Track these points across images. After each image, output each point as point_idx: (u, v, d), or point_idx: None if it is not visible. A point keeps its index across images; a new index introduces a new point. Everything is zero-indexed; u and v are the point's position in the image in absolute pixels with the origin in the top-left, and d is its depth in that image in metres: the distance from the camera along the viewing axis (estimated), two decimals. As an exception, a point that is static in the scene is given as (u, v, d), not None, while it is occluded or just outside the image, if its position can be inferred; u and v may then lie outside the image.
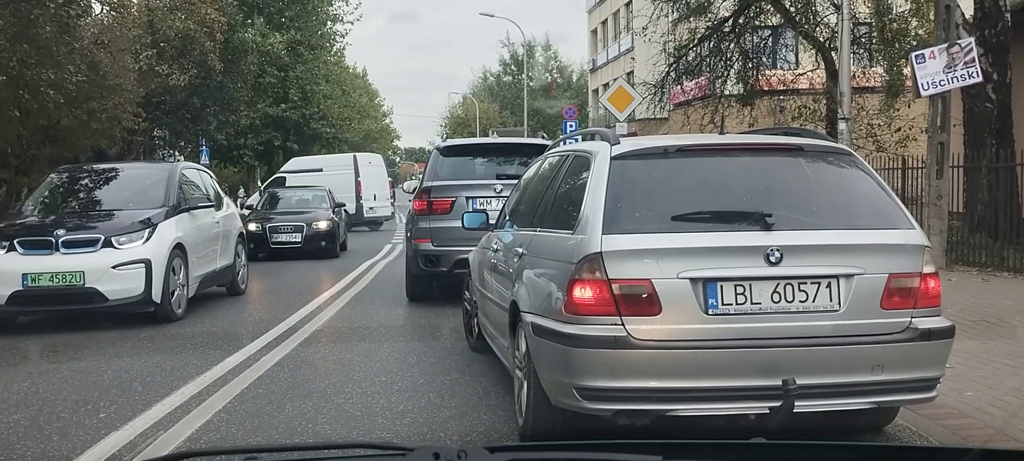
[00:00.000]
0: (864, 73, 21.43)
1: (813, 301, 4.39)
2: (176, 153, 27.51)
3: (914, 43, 15.93)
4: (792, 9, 20.99)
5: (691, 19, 22.60)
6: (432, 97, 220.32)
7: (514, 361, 5.33)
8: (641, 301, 4.33)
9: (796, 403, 4.25)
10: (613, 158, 4.72)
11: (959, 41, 12.45)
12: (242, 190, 38.73)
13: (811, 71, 22.82)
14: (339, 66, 50.91)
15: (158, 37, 20.56)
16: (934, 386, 4.56)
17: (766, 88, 23.11)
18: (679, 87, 25.28)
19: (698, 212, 4.56)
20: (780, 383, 4.21)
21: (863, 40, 21.36)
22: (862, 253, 4.45)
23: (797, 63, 24.16)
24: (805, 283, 4.38)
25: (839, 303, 4.40)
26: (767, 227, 4.39)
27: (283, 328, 9.20)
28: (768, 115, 24.18)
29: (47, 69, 14.22)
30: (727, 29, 22.00)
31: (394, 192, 42.82)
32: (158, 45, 20.83)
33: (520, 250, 5.47)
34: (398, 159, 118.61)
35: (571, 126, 34.00)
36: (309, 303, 11.01)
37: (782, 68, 23.21)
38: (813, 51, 22.56)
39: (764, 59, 22.90)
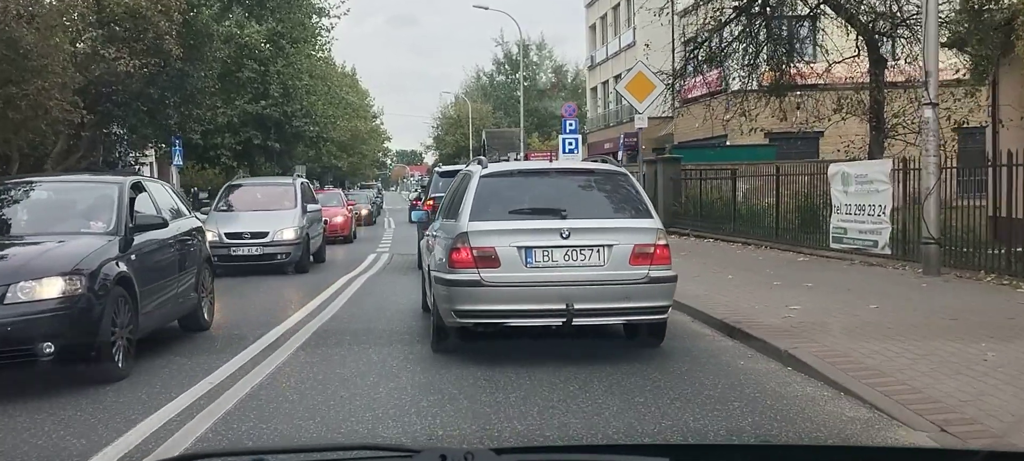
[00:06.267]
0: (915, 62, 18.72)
1: (588, 260, 7.29)
2: (136, 154, 24.64)
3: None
4: (832, -14, 18.39)
5: (714, 1, 19.99)
6: (426, 98, 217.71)
7: (432, 302, 8.04)
8: (489, 260, 7.23)
9: (574, 319, 7.22)
10: (482, 176, 7.74)
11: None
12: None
13: (851, 58, 20.20)
14: (325, 62, 48.21)
15: (105, 16, 17.77)
16: (665, 311, 7.53)
17: (799, 80, 20.39)
18: (694, 79, 22.67)
19: (524, 208, 7.55)
20: (565, 306, 7.15)
21: (912, 22, 18.64)
22: (618, 232, 7.39)
23: (830, 51, 21.33)
24: (584, 249, 7.29)
25: (604, 261, 7.30)
26: (563, 217, 7.36)
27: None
28: (797, 109, 21.31)
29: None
30: (756, 10, 19.39)
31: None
32: (106, 25, 18.05)
33: (437, 233, 8.48)
34: (389, 162, 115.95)
35: (571, 125, 31.89)
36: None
37: (822, 56, 20.40)
38: (853, 35, 19.97)
39: (797, 46, 20.23)
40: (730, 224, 20.50)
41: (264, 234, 15.70)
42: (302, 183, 17.92)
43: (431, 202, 14.66)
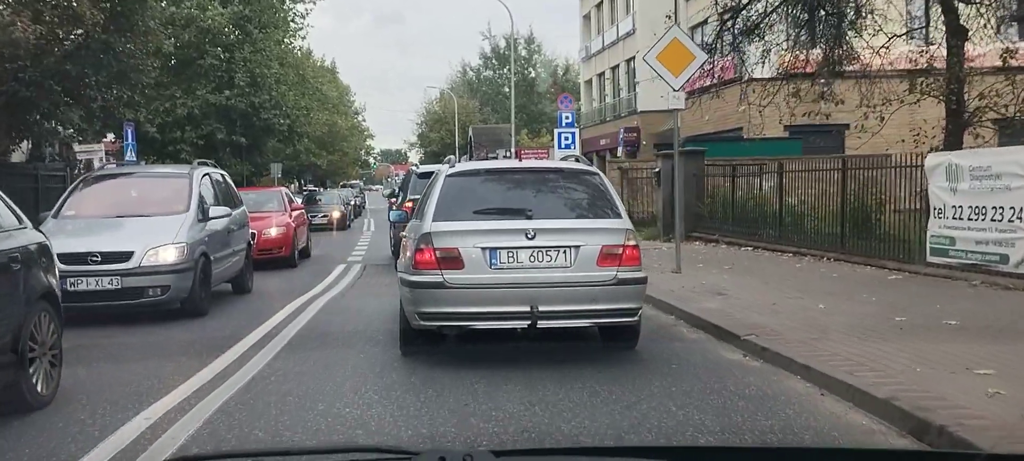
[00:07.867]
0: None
1: (554, 261, 7.16)
2: (57, 146, 20.88)
3: None
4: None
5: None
6: (412, 96, 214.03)
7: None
8: (453, 261, 7.07)
9: (539, 322, 7.05)
10: (447, 176, 7.76)
11: None
12: None
13: (918, 32, 16.76)
14: (300, 50, 44.55)
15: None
16: (635, 314, 7.38)
17: (857, 59, 16.91)
18: (725, 59, 19.19)
19: (489, 208, 7.42)
20: (530, 309, 6.98)
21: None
22: (585, 233, 7.28)
23: (891, 21, 17.84)
24: (549, 250, 7.15)
25: (570, 262, 7.16)
26: (528, 217, 7.25)
27: None
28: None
29: None
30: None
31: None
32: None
33: (407, 234, 8.42)
34: (373, 160, 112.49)
35: (567, 118, 29.36)
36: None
37: (879, 27, 16.93)
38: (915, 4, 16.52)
39: (856, 17, 16.73)
40: (772, 229, 16.99)
41: (126, 255, 9.73)
42: (207, 175, 11.95)
43: (409, 204, 13.78)
